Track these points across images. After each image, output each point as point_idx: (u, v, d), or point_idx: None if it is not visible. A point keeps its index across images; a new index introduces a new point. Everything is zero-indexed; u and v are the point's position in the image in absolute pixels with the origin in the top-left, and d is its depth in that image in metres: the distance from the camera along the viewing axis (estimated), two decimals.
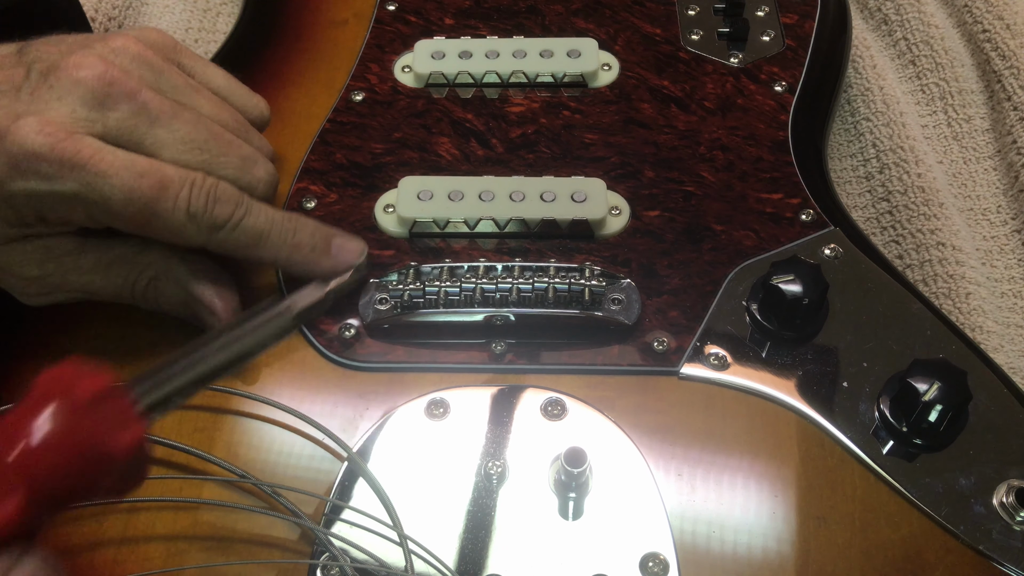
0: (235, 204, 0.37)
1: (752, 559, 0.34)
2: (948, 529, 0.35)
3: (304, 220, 0.40)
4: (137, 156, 0.36)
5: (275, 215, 0.39)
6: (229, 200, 0.37)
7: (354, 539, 0.34)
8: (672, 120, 0.48)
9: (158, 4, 0.61)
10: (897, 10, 0.59)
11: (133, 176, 0.35)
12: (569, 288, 0.39)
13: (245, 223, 0.38)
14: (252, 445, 0.37)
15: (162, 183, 0.36)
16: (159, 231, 0.37)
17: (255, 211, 0.38)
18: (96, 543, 0.35)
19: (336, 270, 0.40)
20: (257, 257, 0.39)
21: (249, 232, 0.38)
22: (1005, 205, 0.52)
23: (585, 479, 0.35)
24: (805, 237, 0.43)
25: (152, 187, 0.35)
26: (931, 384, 0.36)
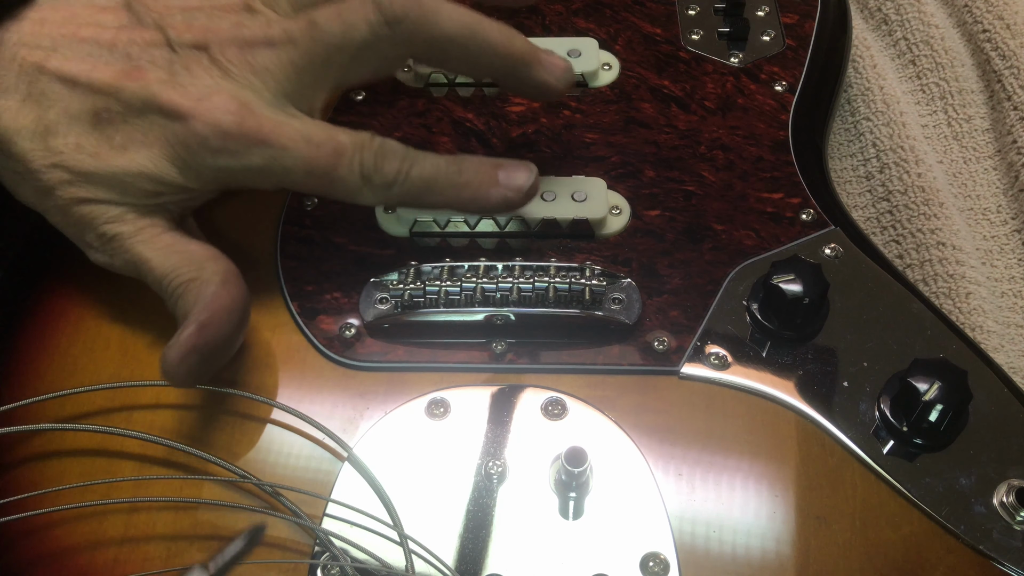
0: (401, 158, 0.38)
1: (752, 559, 0.34)
2: (948, 529, 0.35)
3: (467, 157, 0.40)
4: (312, 125, 0.38)
5: (439, 160, 0.39)
6: (395, 155, 0.38)
7: (354, 539, 0.34)
8: (672, 120, 0.48)
9: None
10: (897, 10, 0.59)
11: (311, 147, 0.37)
12: (569, 287, 0.39)
13: (413, 173, 0.38)
14: (252, 445, 0.37)
15: (337, 150, 0.37)
16: (336, 194, 0.39)
17: (420, 160, 0.39)
18: (96, 543, 0.35)
19: (509, 199, 0.40)
20: (431, 204, 0.40)
21: (418, 181, 0.39)
22: (1005, 205, 0.52)
23: (585, 479, 0.35)
24: (805, 237, 0.43)
25: (328, 155, 0.37)
26: (931, 384, 0.36)
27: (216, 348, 0.36)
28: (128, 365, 0.39)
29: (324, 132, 0.38)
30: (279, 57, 0.38)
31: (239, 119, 0.37)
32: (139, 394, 0.38)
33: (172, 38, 0.38)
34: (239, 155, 0.37)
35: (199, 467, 0.37)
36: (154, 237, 0.37)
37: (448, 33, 0.39)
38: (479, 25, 0.39)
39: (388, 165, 0.38)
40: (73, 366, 0.40)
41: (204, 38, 0.38)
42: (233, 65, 0.38)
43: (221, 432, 0.38)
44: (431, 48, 0.39)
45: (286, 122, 0.37)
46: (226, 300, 0.36)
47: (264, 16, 0.40)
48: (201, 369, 0.35)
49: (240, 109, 0.37)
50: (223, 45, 0.38)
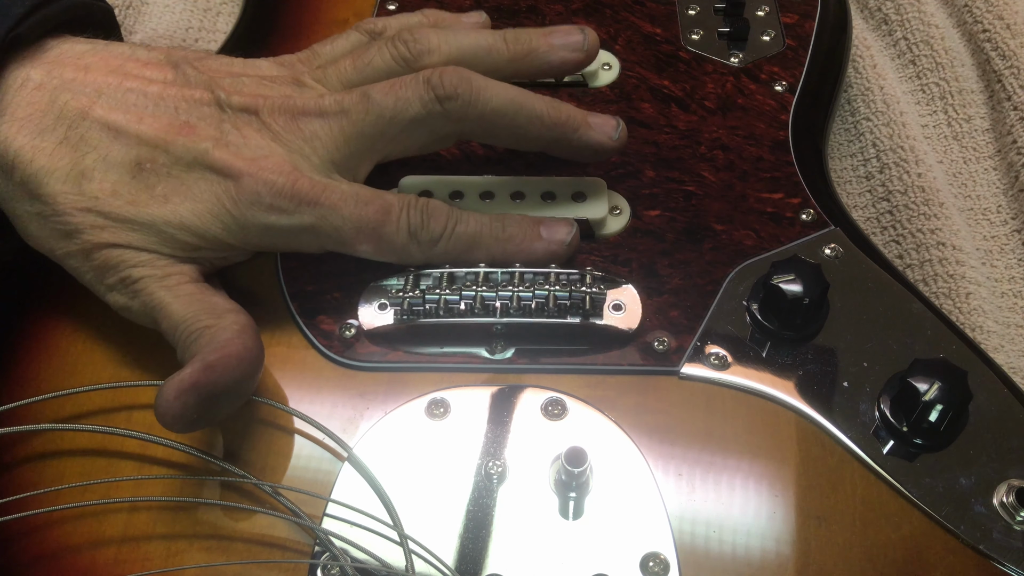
0: (447, 216, 0.40)
1: (752, 559, 0.34)
2: (948, 529, 0.35)
3: (510, 215, 0.41)
4: (359, 186, 0.39)
5: (482, 217, 0.41)
6: (441, 213, 0.40)
7: (354, 539, 0.34)
8: (672, 120, 0.48)
9: (158, 4, 0.61)
10: (897, 10, 0.59)
11: (359, 205, 0.38)
12: (570, 295, 0.39)
13: (459, 230, 0.40)
14: (252, 445, 0.37)
15: (384, 208, 0.39)
16: (384, 253, 0.40)
17: (464, 218, 0.40)
18: (96, 542, 0.35)
19: (552, 252, 0.41)
20: (475, 259, 0.40)
21: (464, 238, 0.40)
22: (1005, 205, 0.52)
23: (585, 479, 0.35)
24: (805, 237, 0.43)
25: (377, 213, 0.38)
26: (931, 384, 0.36)
27: (217, 393, 0.34)
28: (128, 365, 0.39)
29: (371, 192, 0.39)
30: (330, 126, 0.39)
31: (292, 179, 0.38)
32: (139, 394, 0.38)
33: (222, 99, 0.39)
34: (290, 213, 0.38)
35: (199, 467, 0.37)
36: (178, 285, 0.37)
37: (497, 109, 0.40)
38: (525, 99, 0.41)
39: (435, 222, 0.39)
40: (73, 366, 0.40)
41: (254, 103, 0.39)
42: (283, 130, 0.39)
43: (221, 432, 0.38)
44: (481, 123, 0.41)
45: (335, 184, 0.39)
46: (239, 348, 0.35)
47: (315, 90, 0.41)
48: (196, 413, 0.34)
49: (292, 170, 0.38)
50: (273, 111, 0.39)
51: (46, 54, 0.40)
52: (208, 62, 0.42)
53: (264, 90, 0.40)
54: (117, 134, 0.38)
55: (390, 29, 0.44)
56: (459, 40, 0.42)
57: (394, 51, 0.42)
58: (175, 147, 0.38)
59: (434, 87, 0.39)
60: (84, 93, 0.39)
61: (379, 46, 0.42)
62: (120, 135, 0.38)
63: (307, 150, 0.39)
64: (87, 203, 0.37)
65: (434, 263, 0.40)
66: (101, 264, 0.38)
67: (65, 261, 0.39)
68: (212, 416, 0.35)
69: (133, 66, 0.40)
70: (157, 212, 0.38)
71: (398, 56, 0.42)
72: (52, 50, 0.40)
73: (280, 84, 0.41)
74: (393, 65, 0.42)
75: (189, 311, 0.36)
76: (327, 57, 0.44)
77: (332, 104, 0.40)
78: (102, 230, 0.37)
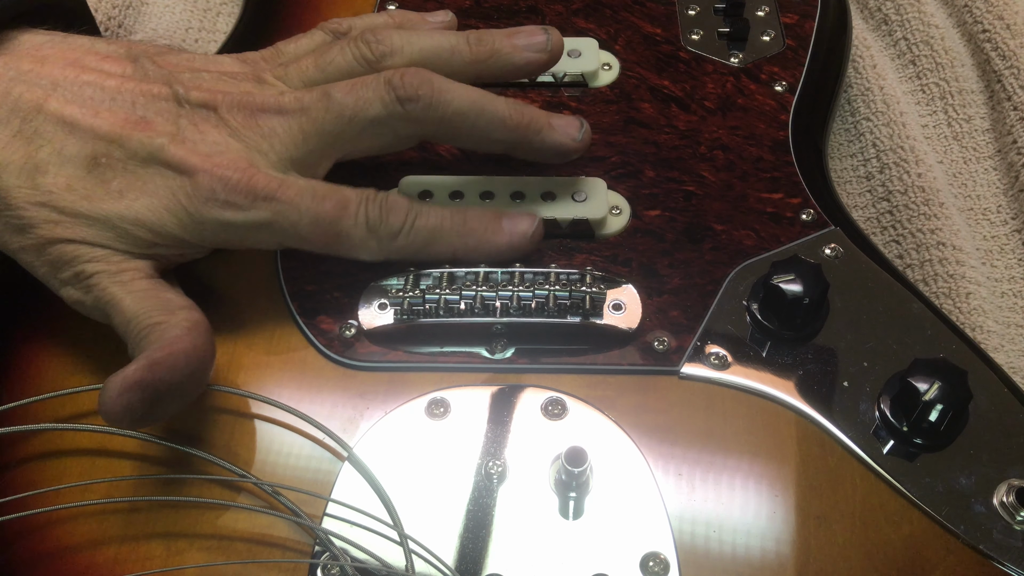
0: (406, 210, 0.39)
1: (752, 558, 0.34)
2: (949, 529, 0.35)
3: (471, 208, 0.41)
4: (316, 182, 0.39)
5: (443, 210, 0.41)
6: (400, 207, 0.39)
7: (354, 538, 0.34)
8: (672, 120, 0.48)
9: (158, 4, 0.61)
10: (897, 10, 0.59)
11: (316, 200, 0.38)
12: (570, 295, 0.39)
13: (418, 224, 0.40)
14: (252, 445, 0.37)
15: (342, 203, 0.38)
16: (343, 248, 0.39)
17: (424, 211, 0.40)
18: (96, 542, 0.35)
19: (514, 245, 0.41)
20: (436, 253, 0.40)
21: (424, 232, 0.40)
22: (1005, 205, 0.52)
23: (585, 479, 0.35)
24: (805, 237, 0.43)
25: (334, 208, 0.38)
26: (931, 384, 0.36)
27: (162, 392, 0.33)
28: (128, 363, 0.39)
29: (328, 187, 0.39)
30: (289, 124, 0.39)
31: (248, 175, 0.37)
32: None
33: (180, 94, 0.39)
34: (245, 209, 0.37)
35: (199, 467, 0.37)
36: (132, 280, 0.37)
37: (458, 111, 0.40)
38: (487, 101, 0.41)
39: (393, 216, 0.39)
40: (73, 366, 0.39)
41: (213, 99, 0.39)
42: (241, 127, 0.39)
43: (221, 432, 0.38)
44: (442, 125, 0.40)
45: (292, 179, 0.38)
46: (186, 345, 0.35)
47: (275, 87, 0.41)
48: (142, 410, 0.33)
49: (248, 167, 0.38)
50: (232, 107, 0.39)
51: (3, 45, 0.39)
52: (168, 57, 0.41)
53: (223, 86, 0.40)
54: (72, 128, 0.38)
55: (355, 29, 0.44)
56: (422, 41, 0.42)
57: (356, 51, 0.41)
58: (131, 142, 0.38)
59: (395, 88, 0.39)
60: (39, 85, 0.38)
61: (341, 46, 0.42)
62: (75, 129, 0.38)
63: (265, 147, 0.39)
64: (41, 198, 0.37)
65: (394, 258, 0.40)
66: (55, 259, 0.37)
67: (19, 255, 0.38)
68: (160, 413, 0.34)
69: (91, 59, 0.40)
70: (112, 208, 0.37)
71: (360, 56, 0.41)
72: (9, 41, 0.40)
73: (240, 80, 0.41)
74: (355, 65, 0.41)
75: (141, 307, 0.36)
76: (290, 55, 0.43)
77: (292, 102, 0.39)
78: (56, 225, 0.37)
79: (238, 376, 0.39)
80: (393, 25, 0.45)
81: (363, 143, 0.41)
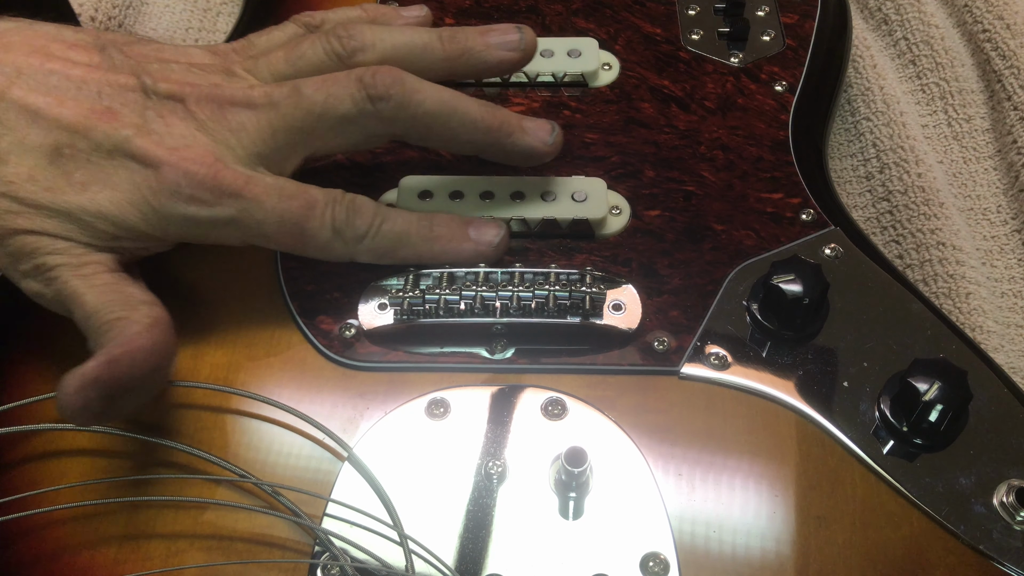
0: (372, 213, 0.39)
1: (752, 559, 0.34)
2: (949, 529, 0.35)
3: (438, 214, 0.41)
4: (284, 180, 0.39)
5: (410, 215, 0.40)
6: (367, 210, 0.39)
7: (354, 539, 0.34)
8: (672, 120, 0.48)
9: (158, 4, 0.61)
10: (897, 10, 0.59)
11: (283, 199, 0.38)
12: (570, 295, 0.39)
13: (384, 228, 0.39)
14: (252, 445, 0.37)
15: (309, 203, 0.38)
16: (308, 248, 0.39)
17: (391, 216, 0.40)
18: (96, 542, 0.35)
19: (479, 253, 0.41)
20: (401, 258, 0.40)
21: (390, 236, 0.39)
22: (1005, 205, 0.52)
23: (585, 479, 0.35)
24: (805, 237, 0.43)
25: (301, 208, 0.38)
26: (931, 384, 0.36)
27: (121, 389, 0.33)
28: None
29: (296, 186, 0.38)
30: (258, 118, 0.38)
31: (214, 170, 0.37)
32: None
33: (147, 85, 0.38)
34: (211, 205, 0.37)
35: (199, 467, 0.37)
36: (95, 274, 0.36)
37: (430, 111, 0.40)
38: (459, 102, 0.40)
39: (360, 219, 0.39)
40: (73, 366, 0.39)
41: (181, 90, 0.38)
42: (209, 120, 0.38)
43: (221, 432, 0.38)
44: (413, 125, 0.40)
45: (259, 176, 0.38)
46: (146, 342, 0.34)
47: (245, 80, 0.40)
48: (99, 407, 0.33)
49: (215, 162, 0.37)
50: (200, 100, 0.38)
51: None
52: (137, 47, 0.41)
53: (192, 78, 0.39)
54: (35, 117, 0.37)
55: (327, 23, 0.44)
56: (394, 37, 0.42)
57: (327, 45, 0.41)
58: (95, 133, 0.37)
59: (367, 86, 0.39)
60: (3, 73, 0.37)
61: (312, 40, 0.41)
62: (38, 118, 0.37)
63: (232, 141, 0.38)
64: (1, 188, 0.36)
65: (360, 260, 0.40)
66: (16, 251, 0.37)
67: None
68: (119, 409, 0.34)
69: (57, 47, 0.39)
70: (74, 200, 0.36)
71: (331, 51, 0.41)
72: None
73: (210, 72, 0.40)
74: (325, 60, 0.41)
75: (102, 302, 0.35)
76: (262, 48, 0.43)
77: (261, 96, 0.39)
78: (17, 216, 0.36)
79: (238, 376, 0.39)
80: (366, 20, 0.45)
81: (333, 140, 0.40)
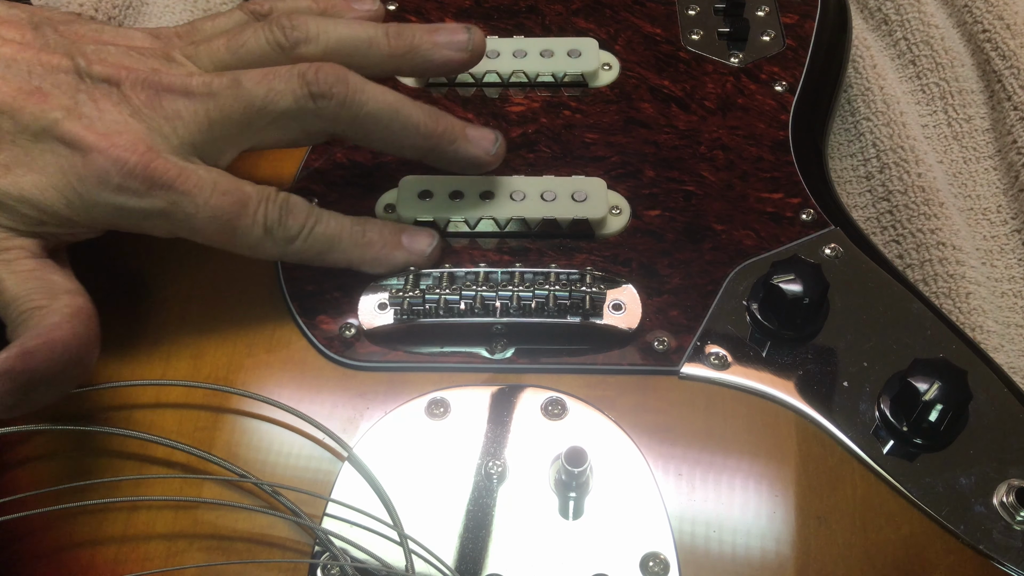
0: (306, 214, 0.39)
1: (752, 558, 0.34)
2: (949, 529, 0.35)
3: (372, 220, 0.41)
4: (219, 173, 0.38)
5: (343, 219, 0.40)
6: (300, 211, 0.38)
7: (354, 538, 0.34)
8: (672, 120, 0.48)
9: (158, 4, 0.61)
10: (897, 10, 0.59)
11: (216, 194, 0.37)
12: (570, 295, 0.39)
13: (317, 230, 0.39)
14: (252, 444, 0.37)
15: (242, 200, 0.37)
16: (237, 246, 0.38)
17: (324, 218, 0.39)
18: (96, 541, 0.35)
19: (411, 262, 0.40)
20: (332, 261, 0.40)
21: (321, 239, 0.39)
22: (1005, 205, 0.52)
23: (585, 479, 0.35)
24: (805, 237, 0.43)
25: (233, 204, 0.37)
26: (931, 383, 0.36)
27: (36, 381, 0.32)
28: (128, 365, 0.39)
29: (230, 181, 0.38)
30: (195, 108, 0.37)
31: (146, 159, 0.36)
32: (139, 394, 0.38)
33: (81, 67, 0.37)
34: (140, 195, 0.36)
35: (199, 467, 0.37)
36: (16, 260, 0.35)
37: (372, 113, 0.39)
38: (403, 105, 0.40)
39: (292, 219, 0.38)
40: None
41: (116, 74, 0.37)
42: (144, 106, 0.37)
43: (221, 432, 0.38)
44: (354, 126, 0.39)
45: (192, 168, 0.37)
46: (65, 334, 0.33)
47: (184, 67, 0.39)
48: (12, 400, 0.32)
49: (147, 150, 0.36)
50: (136, 85, 0.37)
51: None
52: (75, 27, 0.39)
53: (129, 61, 0.38)
54: None
55: (275, 12, 0.43)
56: (339, 31, 0.41)
57: (270, 35, 0.40)
58: (23, 114, 0.35)
59: (309, 83, 0.38)
60: None
61: (256, 29, 0.40)
62: None
63: (167, 129, 0.37)
64: None
65: (290, 261, 0.39)
66: None
67: None
68: (34, 402, 0.33)
69: None
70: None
71: (273, 41, 0.40)
72: None
73: (148, 57, 0.39)
74: (267, 50, 0.40)
75: (22, 289, 0.34)
76: (205, 34, 0.42)
77: (200, 85, 0.38)
78: None
79: (238, 376, 0.39)
80: (315, 11, 0.44)
81: (271, 135, 0.39)
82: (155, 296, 0.41)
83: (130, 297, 0.41)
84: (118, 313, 0.41)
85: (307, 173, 0.45)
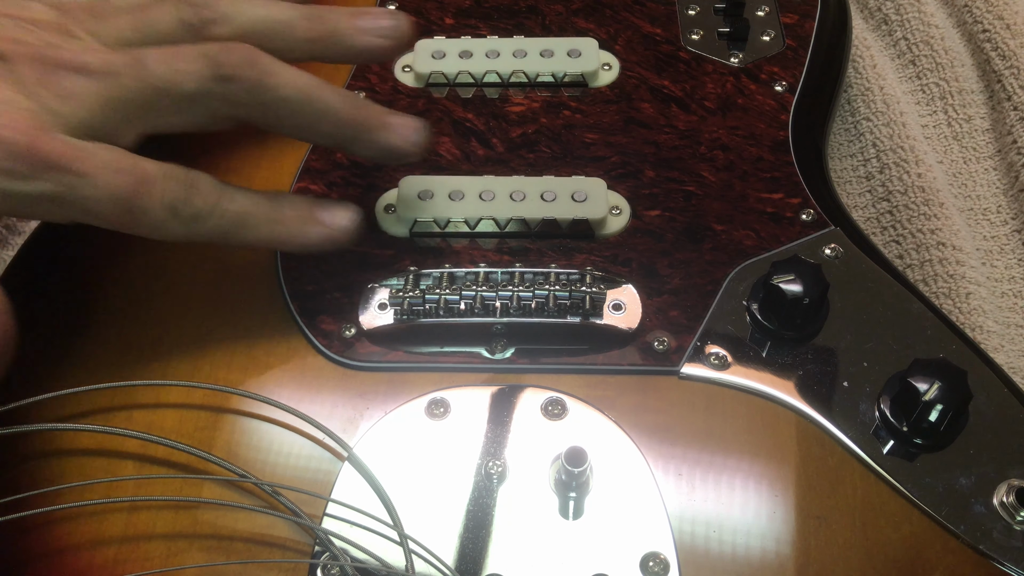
0: (213, 191, 0.36)
1: (752, 558, 0.34)
2: (948, 529, 0.35)
3: (287, 195, 0.39)
4: (114, 151, 0.35)
5: (255, 195, 0.37)
6: (206, 187, 0.36)
7: (354, 538, 0.34)
8: (672, 120, 0.48)
9: None
10: (897, 10, 0.59)
11: (113, 174, 0.34)
12: (570, 295, 0.39)
13: (226, 208, 0.36)
14: (252, 445, 0.37)
15: (142, 178, 0.34)
16: (140, 228, 0.35)
17: (232, 195, 0.37)
18: (96, 542, 0.35)
19: (332, 237, 0.38)
20: (245, 240, 0.37)
21: (231, 217, 0.36)
22: (1005, 205, 0.52)
23: (585, 479, 0.35)
24: (805, 237, 0.43)
25: (132, 184, 0.34)
26: (931, 384, 0.36)
27: None
28: (128, 365, 0.39)
29: (129, 160, 0.35)
30: (91, 86, 0.35)
31: (32, 139, 0.33)
32: (139, 394, 0.38)
33: None
34: (28, 179, 0.33)
35: (199, 467, 0.37)
36: None
37: (284, 98, 0.37)
38: (319, 91, 0.37)
39: (198, 197, 0.35)
40: (73, 366, 0.39)
41: (6, 48, 0.35)
42: (35, 83, 0.34)
43: (221, 432, 0.38)
44: (264, 111, 0.37)
45: (86, 147, 0.34)
46: None
47: (83, 43, 0.36)
48: None
49: (33, 129, 0.33)
50: (27, 60, 0.35)
51: None
52: None
53: (23, 35, 0.35)
54: None
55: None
56: (254, 11, 0.38)
57: (179, 14, 0.38)
58: None
59: (216, 64, 0.35)
60: None
61: (165, 6, 0.38)
62: None
63: (59, 108, 0.34)
64: None
65: (200, 242, 0.37)
66: None
67: None
68: None
69: None
70: None
71: (182, 20, 0.38)
72: None
73: (45, 31, 0.36)
74: (176, 29, 0.38)
75: None
76: (113, 9, 0.39)
77: (99, 63, 0.35)
78: None
79: (238, 376, 0.39)
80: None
81: (174, 119, 0.37)
82: (155, 296, 0.41)
83: (129, 297, 0.41)
84: (118, 312, 0.41)
85: (307, 173, 0.45)
